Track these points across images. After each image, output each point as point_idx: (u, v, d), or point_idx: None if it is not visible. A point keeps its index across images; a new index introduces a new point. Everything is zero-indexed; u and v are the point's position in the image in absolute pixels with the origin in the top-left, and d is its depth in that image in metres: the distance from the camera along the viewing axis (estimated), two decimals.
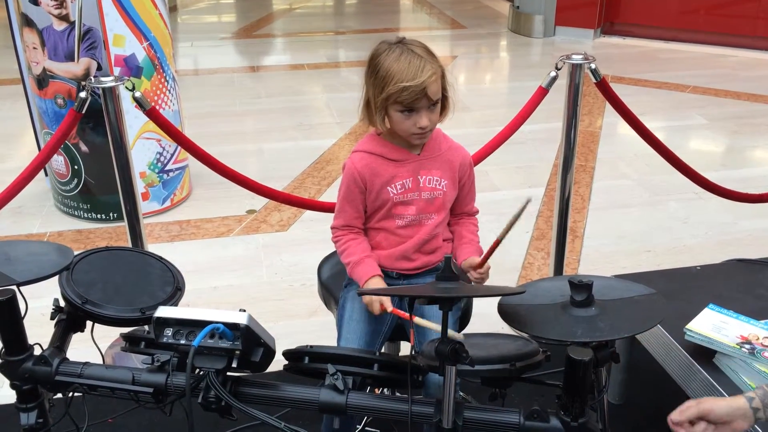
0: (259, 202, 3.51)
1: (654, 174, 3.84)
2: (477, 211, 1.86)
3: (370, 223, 1.78)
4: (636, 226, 3.37)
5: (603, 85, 2.40)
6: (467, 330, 1.85)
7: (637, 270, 2.25)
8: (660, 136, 2.63)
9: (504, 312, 1.32)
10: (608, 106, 2.50)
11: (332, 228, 1.79)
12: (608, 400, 2.16)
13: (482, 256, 1.62)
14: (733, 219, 3.39)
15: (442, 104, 1.66)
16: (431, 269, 1.78)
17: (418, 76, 1.56)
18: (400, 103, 1.59)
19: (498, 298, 1.34)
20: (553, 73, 2.38)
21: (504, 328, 1.32)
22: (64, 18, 3.02)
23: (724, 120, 4.72)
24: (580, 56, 2.32)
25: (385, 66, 1.59)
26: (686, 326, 1.79)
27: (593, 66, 2.33)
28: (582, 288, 1.28)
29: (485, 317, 1.67)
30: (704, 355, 1.76)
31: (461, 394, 1.92)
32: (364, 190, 1.72)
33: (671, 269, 2.27)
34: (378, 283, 1.68)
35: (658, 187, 3.74)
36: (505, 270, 2.99)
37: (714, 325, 1.79)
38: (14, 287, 1.31)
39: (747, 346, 1.69)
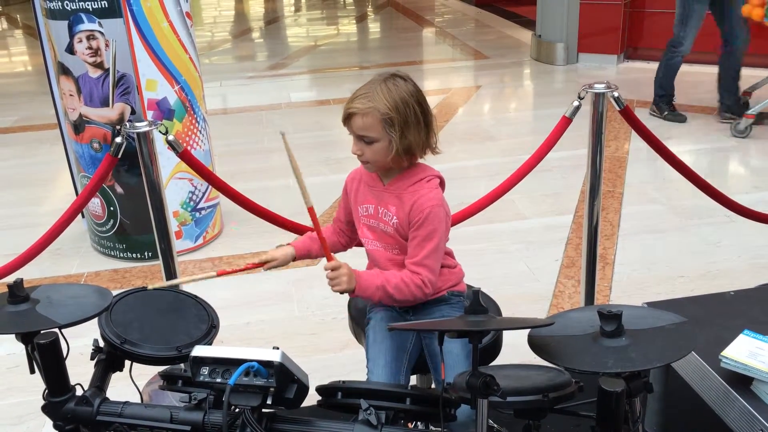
0: (289, 236, 3.54)
1: (683, 198, 3.81)
2: (423, 274, 1.68)
3: (360, 235, 1.88)
4: (667, 252, 3.34)
5: (627, 113, 2.41)
6: (498, 361, 1.85)
7: (671, 296, 2.24)
8: (689, 159, 2.63)
9: (534, 344, 1.32)
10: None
11: None
12: (645, 429, 2.13)
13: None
14: (766, 242, 3.34)
15: (396, 148, 1.67)
16: (434, 300, 1.79)
17: (349, 103, 1.68)
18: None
19: (528, 329, 1.35)
20: (576, 103, 2.39)
21: (535, 359, 1.32)
22: (98, 65, 3.13)
23: (753, 141, 4.67)
24: (603, 85, 2.33)
25: None
26: (722, 353, 1.77)
27: (616, 94, 2.34)
28: (611, 318, 1.28)
29: (516, 347, 1.67)
30: (741, 382, 1.73)
31: (495, 425, 1.91)
32: (347, 199, 1.86)
33: (704, 295, 2.24)
34: (285, 249, 1.84)
35: (688, 211, 3.70)
36: (536, 299, 2.98)
37: (750, 351, 1.76)
38: (56, 330, 1.35)
39: None
